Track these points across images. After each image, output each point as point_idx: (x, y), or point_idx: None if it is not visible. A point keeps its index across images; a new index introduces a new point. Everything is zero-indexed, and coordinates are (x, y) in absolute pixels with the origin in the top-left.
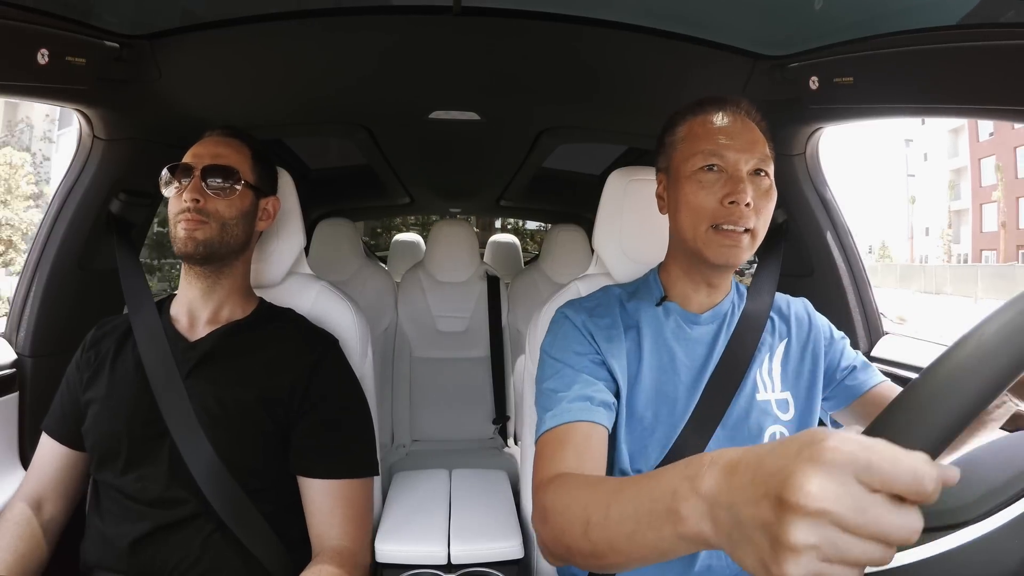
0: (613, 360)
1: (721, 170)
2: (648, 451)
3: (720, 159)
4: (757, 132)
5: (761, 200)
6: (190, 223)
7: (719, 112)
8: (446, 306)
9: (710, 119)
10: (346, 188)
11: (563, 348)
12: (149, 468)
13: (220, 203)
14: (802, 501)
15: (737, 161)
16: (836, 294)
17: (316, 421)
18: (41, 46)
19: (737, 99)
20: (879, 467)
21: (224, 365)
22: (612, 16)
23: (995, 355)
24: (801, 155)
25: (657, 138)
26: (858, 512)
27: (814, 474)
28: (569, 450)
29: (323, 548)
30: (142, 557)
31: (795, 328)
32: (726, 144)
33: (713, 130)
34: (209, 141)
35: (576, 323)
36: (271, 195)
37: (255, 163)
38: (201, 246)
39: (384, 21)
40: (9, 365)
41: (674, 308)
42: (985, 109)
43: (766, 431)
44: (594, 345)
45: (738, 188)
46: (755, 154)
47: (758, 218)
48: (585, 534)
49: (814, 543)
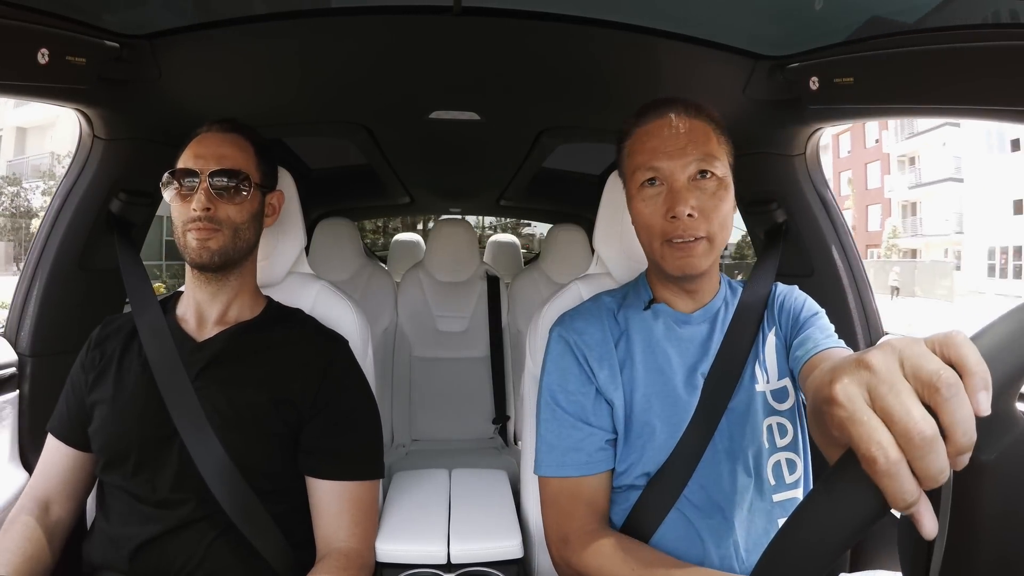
0: (609, 385)
1: (661, 182)
2: (654, 453)
3: (655, 171)
4: (698, 131)
5: (709, 203)
6: (202, 232)
7: (655, 119)
8: (446, 306)
9: (648, 128)
10: (346, 188)
11: (562, 388)
12: (158, 469)
13: (231, 209)
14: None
15: (672, 170)
16: (836, 294)
17: (326, 422)
18: (41, 46)
19: (676, 98)
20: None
21: (234, 366)
22: (612, 16)
23: None
24: (801, 155)
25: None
26: (895, 368)
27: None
28: (583, 505)
29: (329, 549)
30: (149, 558)
31: (778, 312)
32: (660, 154)
33: (648, 141)
34: (211, 139)
35: (571, 344)
36: (276, 189)
37: (259, 159)
38: (216, 256)
39: (384, 21)
40: (10, 364)
41: (663, 310)
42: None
43: (765, 422)
44: (588, 371)
45: (676, 201)
46: (691, 156)
47: (710, 223)
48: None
49: (875, 363)
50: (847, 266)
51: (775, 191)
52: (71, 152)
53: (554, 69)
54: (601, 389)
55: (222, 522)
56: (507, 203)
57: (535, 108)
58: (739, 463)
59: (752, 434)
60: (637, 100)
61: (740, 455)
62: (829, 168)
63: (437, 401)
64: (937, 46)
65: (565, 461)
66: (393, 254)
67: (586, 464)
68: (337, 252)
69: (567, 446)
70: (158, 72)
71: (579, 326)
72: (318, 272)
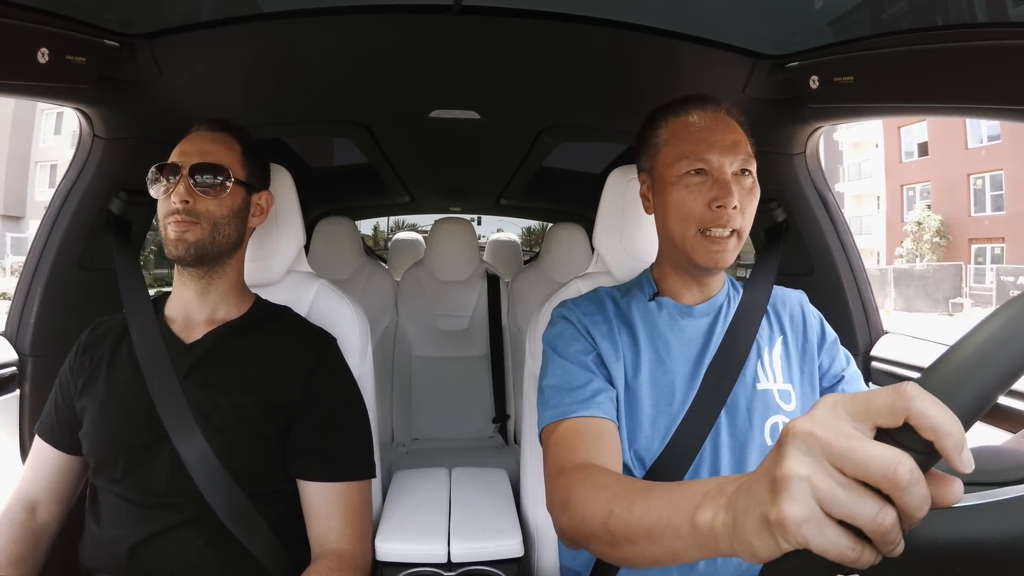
0: (611, 357)
1: (707, 173)
2: (650, 442)
3: (705, 163)
4: (739, 131)
5: (746, 199)
6: (180, 225)
7: (701, 112)
8: (446, 305)
9: (692, 120)
10: (346, 187)
11: (565, 345)
12: (148, 472)
13: (210, 203)
14: (794, 427)
15: (722, 164)
16: (836, 293)
17: (313, 423)
18: (41, 45)
19: (717, 98)
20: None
21: (220, 368)
22: (612, 15)
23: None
24: (801, 154)
25: (637, 135)
26: (844, 440)
27: (807, 418)
28: (587, 441)
29: (323, 550)
30: (141, 560)
31: (788, 324)
32: (710, 147)
33: (696, 132)
34: (196, 137)
35: (572, 321)
36: (263, 190)
37: (245, 158)
38: (192, 248)
39: (384, 20)
40: (10, 364)
41: (667, 302)
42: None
43: (768, 420)
44: (592, 343)
45: (725, 192)
46: (739, 155)
47: (744, 218)
48: (606, 523)
49: (805, 473)
50: (847, 265)
51: (775, 190)
52: None
53: (554, 68)
54: (605, 361)
55: (214, 524)
56: (507, 202)
57: (535, 107)
58: (740, 459)
59: (753, 431)
60: (637, 98)
61: (741, 451)
62: None
63: (437, 400)
64: (937, 46)
65: (569, 400)
66: (393, 253)
67: (591, 402)
68: (337, 251)
69: (572, 386)
70: (158, 71)
71: (584, 308)
72: (318, 271)
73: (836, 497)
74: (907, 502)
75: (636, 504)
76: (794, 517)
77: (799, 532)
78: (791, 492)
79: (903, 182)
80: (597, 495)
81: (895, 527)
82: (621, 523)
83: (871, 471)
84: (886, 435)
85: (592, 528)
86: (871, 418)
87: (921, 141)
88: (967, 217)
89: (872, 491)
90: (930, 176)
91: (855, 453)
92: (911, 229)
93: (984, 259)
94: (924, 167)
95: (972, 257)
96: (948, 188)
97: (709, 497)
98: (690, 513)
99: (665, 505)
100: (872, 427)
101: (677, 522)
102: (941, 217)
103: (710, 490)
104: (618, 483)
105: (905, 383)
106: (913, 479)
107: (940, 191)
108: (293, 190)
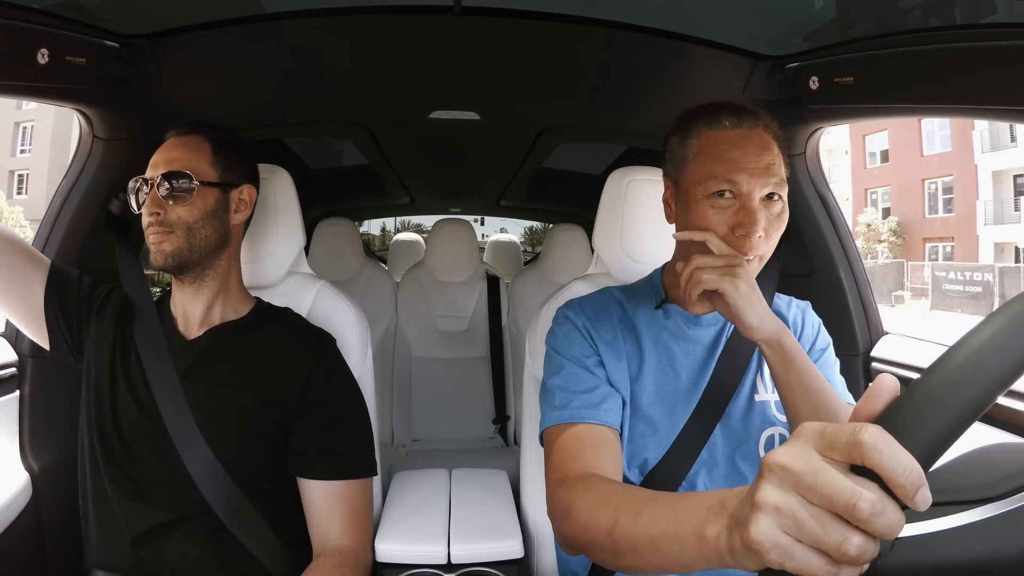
0: (614, 363)
1: (734, 197)
2: (649, 451)
3: (733, 185)
4: (775, 151)
5: (772, 225)
6: (156, 235)
7: (736, 127)
8: (446, 306)
9: (726, 136)
10: (346, 188)
11: (567, 348)
12: (149, 468)
13: (180, 210)
14: (770, 459)
15: (751, 190)
16: (836, 294)
17: (314, 422)
18: (41, 46)
19: (756, 111)
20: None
21: (220, 366)
22: (612, 16)
23: (986, 365)
24: (801, 155)
25: (665, 137)
26: (811, 474)
27: (783, 450)
28: (590, 449)
29: (324, 548)
30: (142, 557)
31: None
32: (743, 169)
33: (729, 150)
34: (166, 146)
35: (577, 325)
36: (243, 184)
37: (216, 156)
38: (170, 258)
39: (384, 20)
40: (10, 365)
41: (675, 309)
42: (985, 109)
43: (764, 432)
44: (595, 348)
45: (751, 220)
46: (771, 178)
47: (769, 244)
48: (610, 533)
49: (773, 503)
50: (847, 266)
51: None
52: None
53: (554, 69)
54: (607, 366)
55: (214, 521)
56: (507, 203)
57: (535, 108)
58: (735, 469)
59: (749, 442)
60: (637, 100)
61: (736, 462)
62: None
63: (437, 401)
64: (937, 46)
65: (577, 403)
66: (393, 254)
67: (599, 408)
68: (337, 252)
69: (580, 389)
70: (158, 72)
71: (589, 311)
72: (318, 272)
73: (802, 526)
74: (874, 531)
75: (642, 515)
76: (760, 543)
77: (768, 556)
78: (759, 521)
79: (867, 186)
80: (602, 506)
81: (862, 552)
82: (627, 534)
83: (835, 504)
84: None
85: (595, 537)
86: (838, 452)
87: (883, 148)
88: (922, 218)
89: (841, 519)
90: (890, 181)
91: (821, 487)
92: (862, 230)
93: (937, 256)
94: (885, 172)
95: (927, 255)
96: (906, 192)
97: (713, 512)
98: (696, 528)
99: (671, 518)
100: (846, 457)
101: (684, 535)
102: (898, 218)
103: (713, 504)
104: (622, 494)
105: (865, 427)
106: (875, 511)
107: (899, 194)
108: (293, 191)
